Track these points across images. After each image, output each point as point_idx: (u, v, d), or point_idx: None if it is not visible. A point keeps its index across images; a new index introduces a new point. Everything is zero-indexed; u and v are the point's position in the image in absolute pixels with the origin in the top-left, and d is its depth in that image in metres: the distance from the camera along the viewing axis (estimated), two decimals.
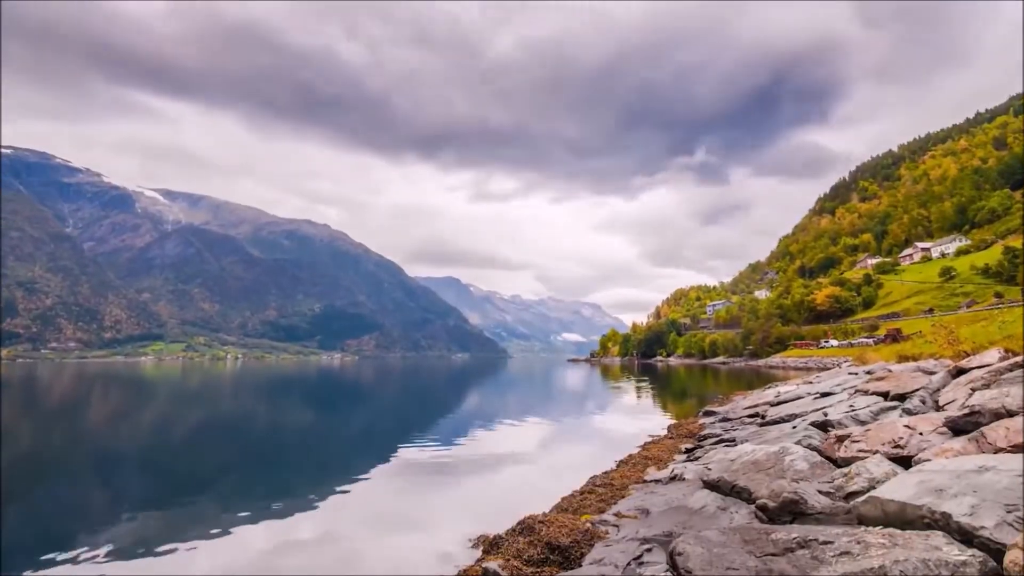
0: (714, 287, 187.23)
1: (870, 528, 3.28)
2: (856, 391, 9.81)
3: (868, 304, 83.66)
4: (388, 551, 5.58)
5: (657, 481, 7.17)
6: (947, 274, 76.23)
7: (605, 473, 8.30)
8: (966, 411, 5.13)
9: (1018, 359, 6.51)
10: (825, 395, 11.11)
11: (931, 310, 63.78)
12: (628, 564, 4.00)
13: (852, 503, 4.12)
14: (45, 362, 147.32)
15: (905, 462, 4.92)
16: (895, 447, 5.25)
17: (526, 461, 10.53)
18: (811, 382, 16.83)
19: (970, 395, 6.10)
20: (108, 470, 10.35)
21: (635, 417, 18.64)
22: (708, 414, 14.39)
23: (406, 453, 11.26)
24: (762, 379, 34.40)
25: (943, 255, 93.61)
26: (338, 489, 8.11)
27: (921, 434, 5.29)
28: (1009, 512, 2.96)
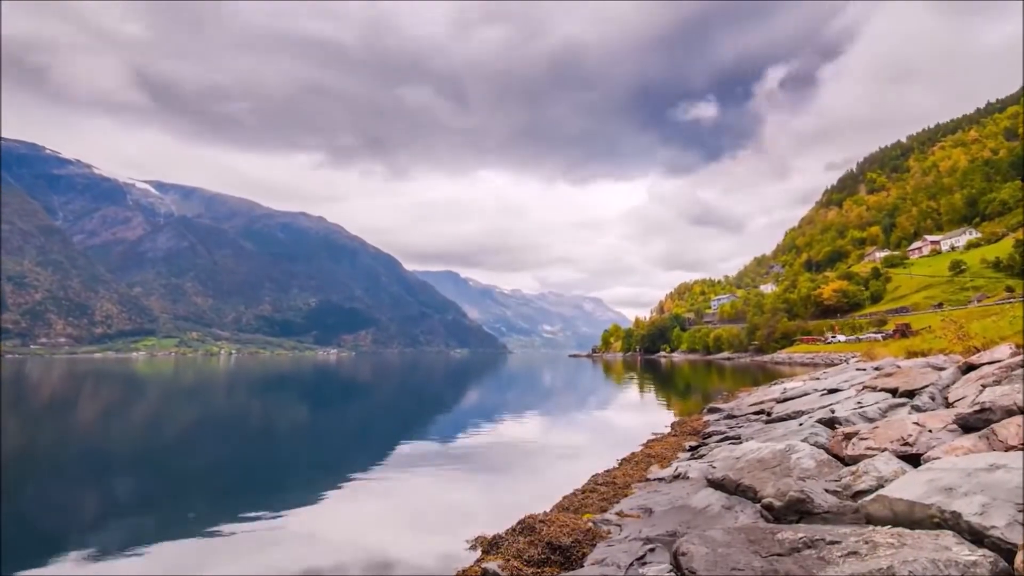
0: (719, 281, 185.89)
1: (878, 528, 3.22)
2: (864, 387, 9.73)
3: (876, 298, 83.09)
4: (387, 551, 5.56)
5: (660, 480, 7.12)
6: (957, 268, 75.57)
7: (607, 471, 8.24)
8: (976, 408, 5.04)
9: None
10: (832, 392, 11.02)
11: (940, 304, 63.34)
12: (631, 564, 3.96)
13: (860, 502, 4.06)
14: (35, 358, 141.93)
15: (914, 460, 4.85)
16: (904, 445, 5.17)
17: (526, 459, 10.51)
18: (818, 378, 16.73)
19: (980, 391, 6.01)
20: (104, 470, 10.35)
21: (638, 414, 18.61)
22: (712, 411, 14.31)
23: (404, 451, 11.27)
24: (768, 375, 34.29)
25: (953, 248, 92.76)
26: (335, 488, 8.09)
27: (930, 431, 5.21)
28: (1020, 511, 2.90)
